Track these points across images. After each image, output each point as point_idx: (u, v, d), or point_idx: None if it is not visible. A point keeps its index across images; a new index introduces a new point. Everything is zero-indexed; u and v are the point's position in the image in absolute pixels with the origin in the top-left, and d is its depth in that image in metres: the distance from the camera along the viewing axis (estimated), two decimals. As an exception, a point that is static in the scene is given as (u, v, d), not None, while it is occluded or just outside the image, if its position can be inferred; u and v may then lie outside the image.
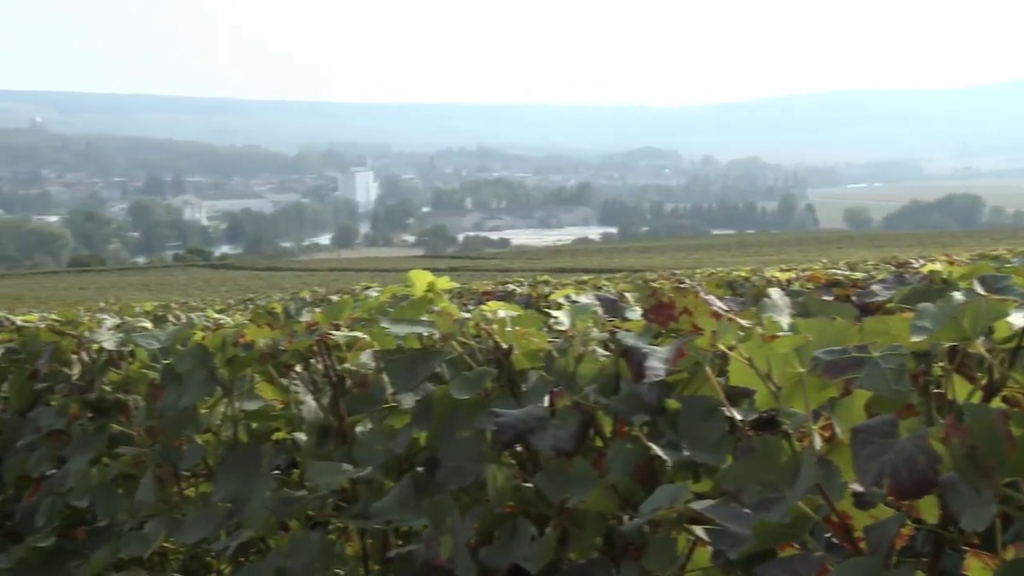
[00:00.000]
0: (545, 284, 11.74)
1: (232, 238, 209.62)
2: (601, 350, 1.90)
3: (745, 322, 1.66)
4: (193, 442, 2.64)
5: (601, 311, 2.13)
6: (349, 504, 2.25)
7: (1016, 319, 1.38)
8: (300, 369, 2.50)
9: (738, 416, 1.59)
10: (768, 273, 7.40)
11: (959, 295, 1.46)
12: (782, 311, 1.72)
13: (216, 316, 4.58)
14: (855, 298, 2.33)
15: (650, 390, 1.69)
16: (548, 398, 1.87)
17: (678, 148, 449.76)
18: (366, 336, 2.37)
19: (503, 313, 2.08)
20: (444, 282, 2.26)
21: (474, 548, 1.83)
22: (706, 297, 1.73)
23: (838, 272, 5.18)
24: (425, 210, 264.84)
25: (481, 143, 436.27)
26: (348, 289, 16.44)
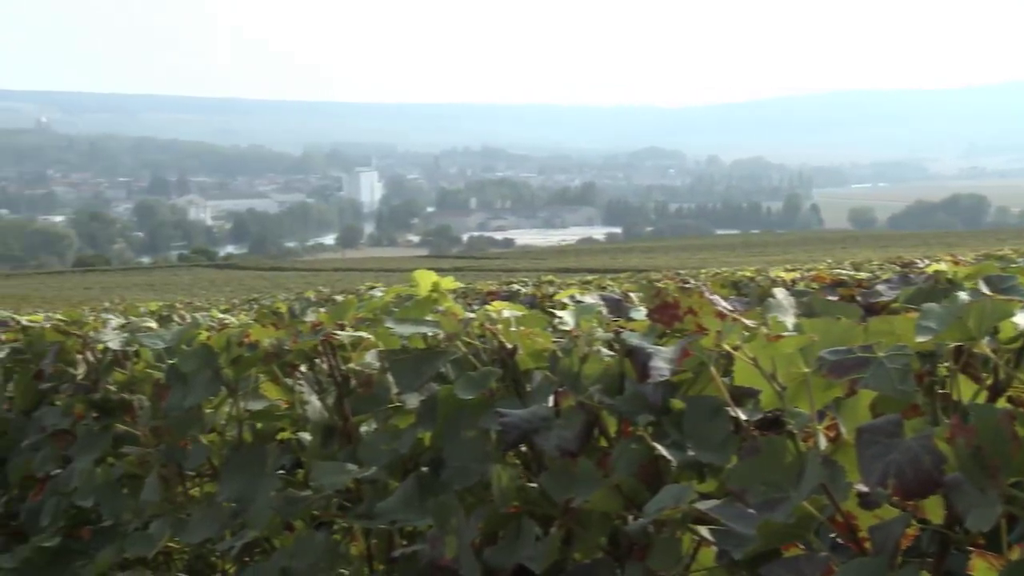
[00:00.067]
0: (550, 284, 11.73)
1: (237, 238, 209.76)
2: (606, 350, 1.90)
3: (750, 322, 1.66)
4: (198, 442, 2.64)
5: (606, 311, 2.12)
6: (354, 504, 2.25)
7: (1021, 319, 1.38)
8: (305, 369, 2.50)
9: (743, 416, 1.59)
10: (773, 273, 7.39)
11: (964, 295, 1.45)
12: (787, 311, 1.71)
13: (221, 316, 4.58)
14: (860, 298, 2.33)
15: (655, 390, 1.69)
16: (553, 398, 1.87)
17: (682, 148, 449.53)
18: (371, 336, 2.37)
19: (508, 313, 2.08)
20: (448, 282, 2.26)
21: (479, 548, 1.83)
22: (711, 297, 1.73)
23: (843, 272, 5.18)
24: (430, 210, 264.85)
25: (486, 143, 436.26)
26: (353, 289, 16.45)
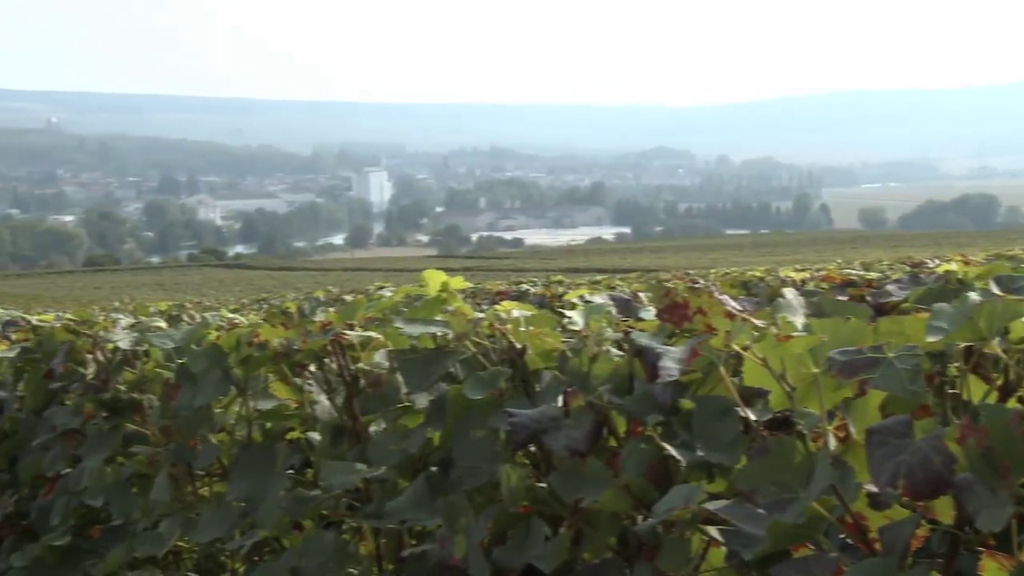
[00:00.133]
0: (559, 284, 11.75)
1: (246, 238, 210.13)
2: (615, 350, 1.90)
3: (759, 322, 1.65)
4: (207, 441, 2.65)
5: (615, 311, 2.12)
6: (363, 504, 2.25)
7: (1032, 319, 1.38)
8: (314, 369, 2.50)
9: (752, 416, 1.59)
10: (782, 273, 7.39)
11: (975, 295, 1.45)
12: (796, 311, 1.71)
13: (230, 316, 4.59)
14: (870, 298, 2.32)
15: (664, 390, 1.69)
16: (562, 398, 1.87)
17: (692, 148, 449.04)
18: (380, 336, 2.37)
19: (517, 313, 2.07)
20: (458, 282, 2.26)
21: (488, 548, 1.83)
22: (720, 297, 1.73)
23: (853, 272, 5.18)
24: (439, 210, 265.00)
25: (495, 143, 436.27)
26: (362, 289, 16.48)
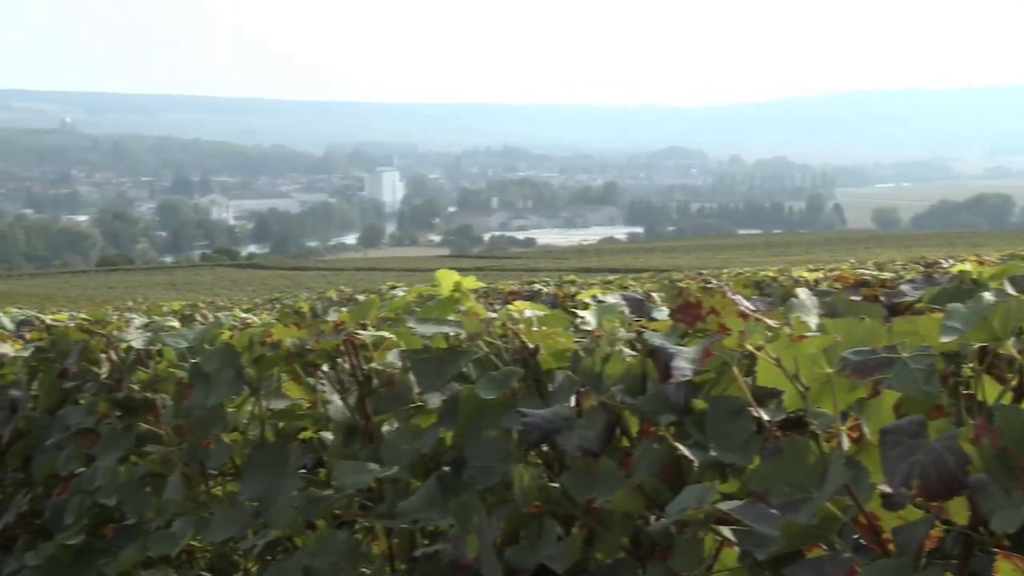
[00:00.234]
0: (571, 284, 11.74)
1: (259, 238, 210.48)
2: (628, 350, 1.89)
3: (773, 322, 1.65)
4: (220, 441, 2.65)
5: (628, 311, 2.12)
6: (375, 503, 2.25)
7: (1047, 320, 1.37)
8: (327, 368, 2.51)
9: (766, 416, 1.58)
10: (796, 273, 7.38)
11: (989, 295, 1.44)
12: (810, 311, 1.71)
13: (243, 315, 4.59)
14: (883, 298, 2.32)
15: (677, 390, 1.69)
16: (575, 398, 1.87)
17: (704, 148, 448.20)
18: (393, 336, 2.37)
19: (529, 313, 2.08)
20: (470, 282, 2.26)
21: (500, 548, 1.83)
22: (733, 297, 1.72)
23: (866, 272, 5.16)
24: (451, 210, 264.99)
25: (507, 143, 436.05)
26: (374, 289, 16.48)
